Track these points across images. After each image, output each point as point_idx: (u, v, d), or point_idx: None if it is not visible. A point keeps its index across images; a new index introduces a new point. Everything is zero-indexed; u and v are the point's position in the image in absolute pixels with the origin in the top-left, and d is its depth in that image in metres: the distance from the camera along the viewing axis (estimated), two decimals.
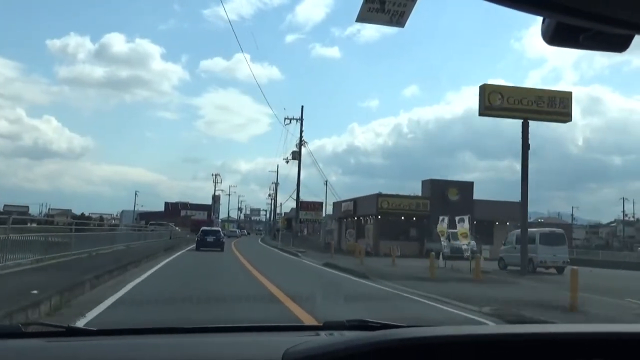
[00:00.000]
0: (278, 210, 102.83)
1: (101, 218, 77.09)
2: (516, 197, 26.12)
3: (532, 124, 22.99)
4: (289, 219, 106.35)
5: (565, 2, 0.89)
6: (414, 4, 6.42)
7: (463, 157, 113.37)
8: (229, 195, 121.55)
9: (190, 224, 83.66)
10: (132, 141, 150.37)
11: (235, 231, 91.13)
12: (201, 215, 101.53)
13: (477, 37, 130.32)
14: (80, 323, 7.00)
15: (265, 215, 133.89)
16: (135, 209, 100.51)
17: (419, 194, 40.95)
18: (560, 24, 0.99)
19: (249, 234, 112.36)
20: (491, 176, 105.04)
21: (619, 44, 1.02)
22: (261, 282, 14.71)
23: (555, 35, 1.01)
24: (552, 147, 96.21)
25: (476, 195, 38.11)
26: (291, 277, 18.06)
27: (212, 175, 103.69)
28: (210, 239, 32.49)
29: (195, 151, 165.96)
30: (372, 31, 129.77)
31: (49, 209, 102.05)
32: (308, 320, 7.53)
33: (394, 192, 40.87)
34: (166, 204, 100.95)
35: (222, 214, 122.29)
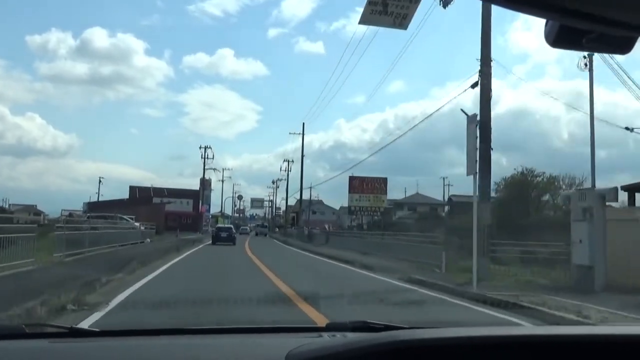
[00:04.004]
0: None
1: (70, 215, 55.07)
2: None
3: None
4: (296, 212, 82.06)
5: (568, 5, 0.89)
6: (417, 6, 6.22)
7: (449, 152, 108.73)
8: (222, 181, 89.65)
9: (164, 218, 51.64)
10: (118, 138, 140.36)
11: (247, 228, 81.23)
12: (184, 206, 69.17)
13: (461, 32, 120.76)
14: (84, 324, 6.15)
15: (270, 206, 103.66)
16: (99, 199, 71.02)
17: None
18: (563, 26, 0.98)
19: (251, 231, 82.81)
20: None
21: (623, 46, 1.01)
22: None
23: (559, 38, 1.00)
24: (537, 141, 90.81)
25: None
26: None
27: (201, 148, 71.05)
28: (224, 234, 35.21)
29: (182, 148, 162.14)
30: (358, 26, 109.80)
31: (9, 204, 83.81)
32: None
33: None
34: (131, 188, 68.28)
35: (215, 207, 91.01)
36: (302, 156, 59.10)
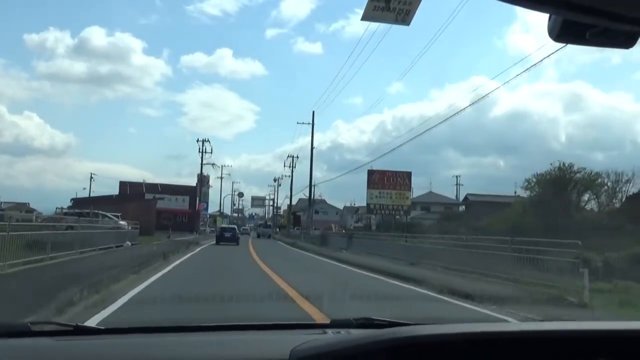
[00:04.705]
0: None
1: (65, 213, 50.41)
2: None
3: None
4: (296, 212, 78.44)
5: None
6: (420, 2, 6.04)
7: (447, 154, 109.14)
8: (221, 177, 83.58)
9: (155, 216, 45.54)
10: (115, 138, 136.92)
11: (247, 229, 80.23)
12: (179, 203, 63.09)
13: (460, 34, 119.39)
14: (89, 322, 6.19)
15: (274, 204, 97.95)
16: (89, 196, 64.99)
17: None
18: (566, 20, 0.98)
19: (251, 231, 76.88)
20: (475, 172, 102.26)
21: (626, 41, 1.01)
22: None
23: (562, 32, 1.00)
24: (534, 143, 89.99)
25: None
26: None
27: (198, 141, 64.75)
28: (227, 234, 35.74)
29: (180, 148, 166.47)
30: (357, 27, 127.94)
31: (0, 202, 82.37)
32: None
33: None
34: (122, 183, 61.91)
35: (212, 205, 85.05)
36: (312, 148, 53.07)
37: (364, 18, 6.73)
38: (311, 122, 52.57)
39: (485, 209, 48.98)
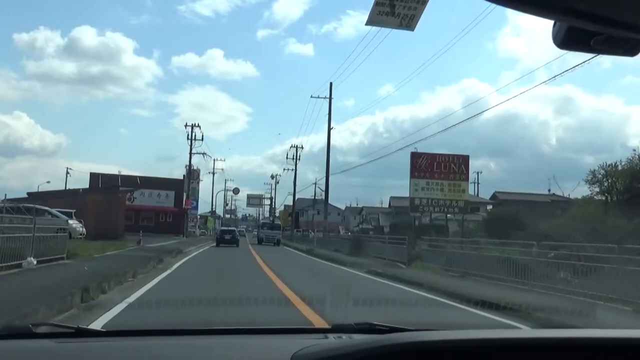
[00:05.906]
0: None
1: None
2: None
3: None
4: (296, 213, 72.17)
5: (577, 6, 0.88)
6: (424, 7, 6.30)
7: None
8: (214, 173, 73.12)
9: (122, 213, 34.77)
10: (107, 138, 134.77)
11: (243, 230, 75.07)
12: (162, 200, 52.31)
13: (450, 37, 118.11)
14: (92, 325, 5.94)
15: (271, 203, 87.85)
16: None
17: None
18: (571, 27, 0.98)
19: (247, 235, 66.45)
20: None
21: (631, 48, 1.00)
22: None
23: (566, 39, 0.99)
24: (525, 146, 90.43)
25: None
26: None
27: (187, 127, 53.72)
28: (227, 237, 36.97)
29: (172, 149, 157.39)
30: (349, 29, 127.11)
31: None
32: None
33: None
34: (92, 175, 50.76)
35: (202, 205, 74.55)
36: (329, 129, 42.57)
37: (368, 23, 6.87)
38: (328, 96, 42.07)
39: (520, 209, 40.96)
